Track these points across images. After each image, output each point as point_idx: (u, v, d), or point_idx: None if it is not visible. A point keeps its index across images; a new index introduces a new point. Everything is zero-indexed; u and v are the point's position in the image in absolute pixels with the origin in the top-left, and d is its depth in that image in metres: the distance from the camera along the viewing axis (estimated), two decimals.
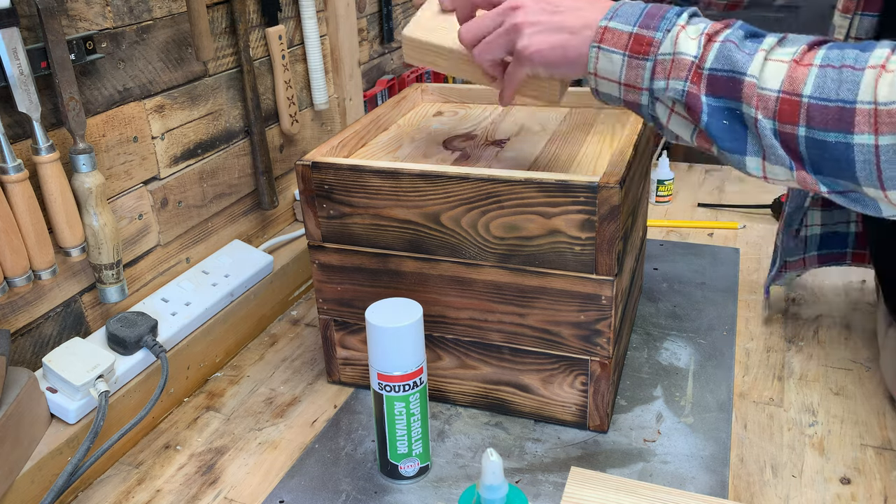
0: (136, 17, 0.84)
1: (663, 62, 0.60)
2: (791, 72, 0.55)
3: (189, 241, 0.97)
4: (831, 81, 0.54)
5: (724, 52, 0.58)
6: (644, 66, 0.61)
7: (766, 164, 0.58)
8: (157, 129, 0.89)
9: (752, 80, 0.56)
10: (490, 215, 0.72)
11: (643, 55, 0.61)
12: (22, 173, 0.69)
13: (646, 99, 0.62)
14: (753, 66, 0.56)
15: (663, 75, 0.60)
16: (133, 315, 0.83)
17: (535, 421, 0.81)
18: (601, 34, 0.63)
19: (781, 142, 0.56)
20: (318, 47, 1.15)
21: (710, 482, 0.72)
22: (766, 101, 0.56)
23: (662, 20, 0.61)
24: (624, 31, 0.62)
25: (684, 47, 0.59)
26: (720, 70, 0.58)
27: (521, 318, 0.76)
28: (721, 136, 0.59)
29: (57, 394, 0.74)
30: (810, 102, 0.54)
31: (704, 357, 0.90)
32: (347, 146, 0.84)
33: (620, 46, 0.62)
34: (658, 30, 0.61)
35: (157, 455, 0.79)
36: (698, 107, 0.59)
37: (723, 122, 0.58)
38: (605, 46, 0.63)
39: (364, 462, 0.76)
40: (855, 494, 0.70)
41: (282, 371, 0.92)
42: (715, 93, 0.58)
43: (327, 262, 0.82)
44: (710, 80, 0.58)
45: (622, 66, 0.62)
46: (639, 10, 0.62)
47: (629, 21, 0.62)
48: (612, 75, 0.63)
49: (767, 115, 0.56)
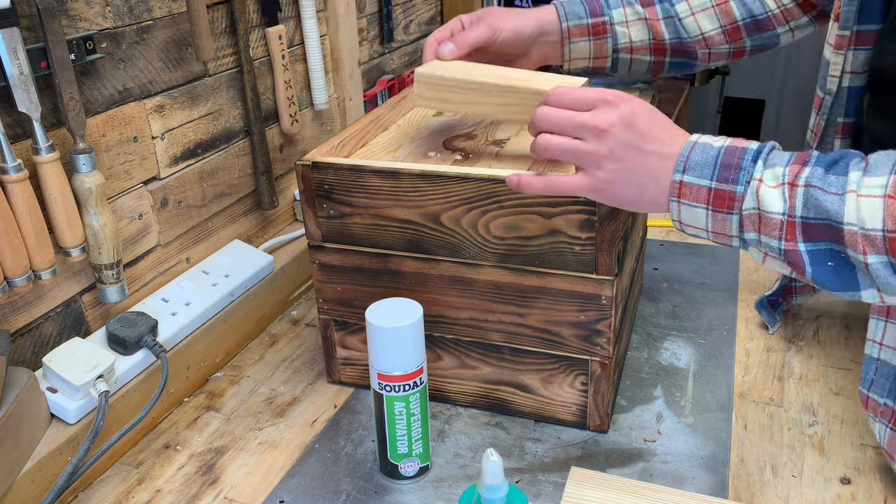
0: (136, 17, 0.84)
1: (750, 216, 0.59)
2: (890, 209, 0.54)
3: (189, 241, 0.97)
4: None
5: (812, 200, 0.56)
6: (730, 220, 0.60)
7: (882, 294, 0.57)
8: (157, 129, 0.89)
9: (852, 228, 0.55)
10: (490, 215, 0.72)
11: (727, 210, 0.59)
12: (22, 173, 0.69)
13: (737, 243, 0.61)
14: (848, 210, 0.55)
15: (752, 228, 0.59)
16: (133, 315, 0.83)
17: (535, 421, 0.81)
18: (678, 189, 0.61)
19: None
20: (318, 47, 1.15)
21: (710, 482, 0.72)
22: (874, 241, 0.54)
23: (740, 171, 0.59)
24: (702, 186, 0.60)
25: (769, 204, 0.57)
26: (813, 219, 0.56)
27: (522, 318, 0.76)
28: (830, 281, 0.58)
29: (57, 394, 0.74)
30: None
31: (704, 357, 0.90)
32: (347, 146, 0.84)
33: (701, 201, 0.60)
34: (737, 183, 0.59)
35: (157, 455, 0.79)
36: (799, 260, 0.58)
37: (828, 264, 0.57)
38: (684, 201, 0.61)
39: (364, 462, 0.76)
40: (855, 494, 0.70)
41: (282, 371, 0.92)
42: (813, 238, 0.57)
43: (327, 262, 0.82)
44: (804, 228, 0.57)
45: (706, 218, 0.61)
46: (712, 160, 0.60)
47: (704, 174, 0.60)
48: (698, 224, 0.62)
49: (879, 252, 0.54)
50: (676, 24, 0.86)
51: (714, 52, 0.87)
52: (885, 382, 0.69)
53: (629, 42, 0.86)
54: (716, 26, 0.86)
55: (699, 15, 0.85)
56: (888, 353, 0.69)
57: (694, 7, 0.86)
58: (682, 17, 0.85)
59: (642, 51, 0.86)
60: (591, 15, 0.85)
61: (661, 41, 0.86)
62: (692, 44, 0.86)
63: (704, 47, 0.86)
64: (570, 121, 0.63)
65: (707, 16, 0.85)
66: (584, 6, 0.86)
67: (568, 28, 0.85)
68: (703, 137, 0.62)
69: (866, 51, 0.74)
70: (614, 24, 0.85)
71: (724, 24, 0.86)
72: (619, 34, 0.85)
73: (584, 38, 0.85)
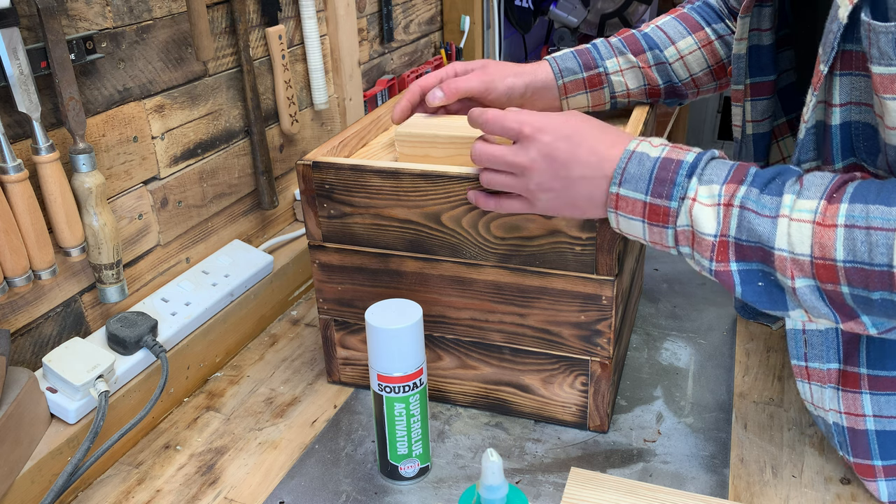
0: (136, 16, 0.84)
1: (684, 232, 0.60)
2: (817, 237, 0.54)
3: (189, 241, 0.97)
4: (861, 245, 0.53)
5: (745, 224, 0.57)
6: (666, 233, 0.61)
7: (810, 315, 0.58)
8: (157, 129, 0.89)
9: (782, 254, 0.56)
10: (490, 215, 0.72)
11: (662, 224, 0.61)
12: (22, 173, 0.69)
13: (674, 252, 0.63)
14: (779, 236, 0.56)
15: (687, 244, 0.61)
16: (133, 315, 0.83)
17: (535, 421, 0.81)
18: (615, 201, 0.63)
19: (828, 298, 0.56)
20: (318, 47, 1.15)
21: (710, 482, 0.72)
22: (801, 266, 0.55)
23: (674, 186, 0.60)
24: (637, 200, 0.62)
25: (702, 224, 0.59)
26: (745, 241, 0.57)
27: (522, 319, 0.76)
28: (759, 301, 0.59)
29: (57, 394, 0.74)
30: (847, 267, 0.54)
31: (704, 357, 0.90)
32: (348, 146, 0.84)
33: (637, 214, 0.62)
34: (671, 198, 0.60)
35: (157, 455, 0.79)
36: (730, 280, 0.59)
37: (758, 284, 0.58)
38: (622, 213, 0.63)
39: (364, 462, 0.76)
40: (855, 495, 0.70)
41: (282, 371, 0.92)
42: (745, 258, 0.58)
43: (328, 261, 0.82)
44: (737, 248, 0.58)
45: (644, 229, 0.63)
46: (648, 172, 0.61)
47: (640, 188, 0.61)
48: (636, 233, 0.64)
49: (806, 276, 0.55)
50: (667, 69, 0.88)
51: (703, 90, 0.91)
52: None
53: (626, 90, 0.88)
54: (703, 67, 0.88)
55: (687, 58, 0.88)
56: None
57: (682, 51, 0.88)
58: (671, 61, 0.87)
59: (639, 96, 0.89)
60: (586, 68, 0.86)
61: (655, 87, 0.88)
62: (682, 86, 0.89)
63: (693, 87, 0.89)
64: (496, 160, 0.66)
65: (694, 58, 0.88)
66: (577, 60, 0.87)
67: (564, 85, 0.87)
68: (642, 145, 0.63)
69: (765, 100, 0.78)
70: (609, 74, 0.87)
71: (711, 65, 0.89)
72: (615, 83, 0.87)
73: (581, 92, 0.87)
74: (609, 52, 0.87)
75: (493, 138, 0.69)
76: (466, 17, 1.66)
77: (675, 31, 0.88)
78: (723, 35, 0.88)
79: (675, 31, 0.88)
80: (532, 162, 0.65)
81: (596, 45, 0.88)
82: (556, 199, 0.65)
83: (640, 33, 0.89)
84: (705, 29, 0.88)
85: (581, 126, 0.65)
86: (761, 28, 0.75)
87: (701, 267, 0.61)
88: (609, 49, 0.88)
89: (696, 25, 0.88)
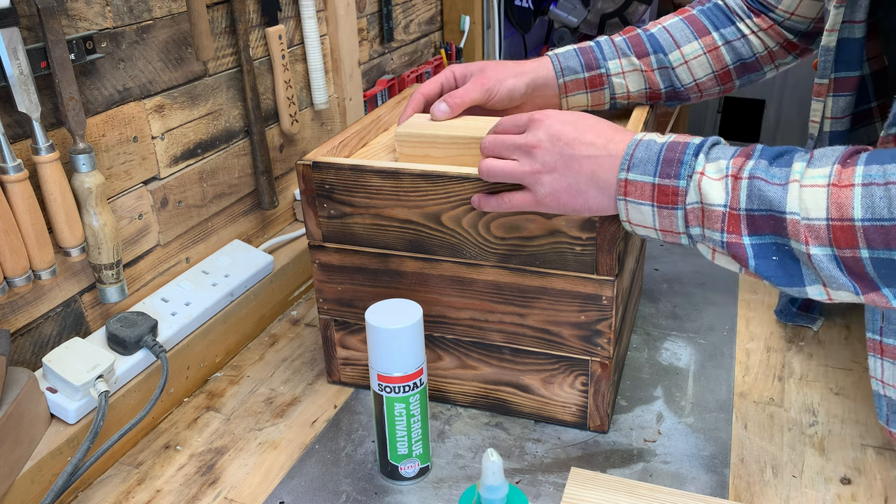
0: (135, 16, 0.84)
1: (694, 210, 0.59)
2: (834, 197, 0.53)
3: (189, 241, 0.97)
4: (881, 200, 0.51)
5: (756, 192, 0.56)
6: (675, 215, 0.61)
7: (828, 290, 0.56)
8: (157, 129, 0.89)
9: (795, 217, 0.54)
10: (490, 215, 0.72)
11: (671, 205, 0.60)
12: (22, 173, 0.69)
13: (685, 240, 0.62)
14: (790, 200, 0.54)
15: (697, 223, 0.59)
16: (133, 315, 0.83)
17: (535, 421, 0.81)
18: (624, 187, 0.62)
19: (845, 267, 0.54)
20: (318, 47, 1.15)
21: (710, 482, 0.72)
22: (817, 232, 0.54)
23: (682, 165, 0.60)
24: (646, 183, 0.61)
25: (711, 196, 0.58)
26: (757, 210, 0.56)
27: (522, 319, 0.76)
28: (774, 275, 0.57)
29: (57, 394, 0.74)
30: (865, 226, 0.52)
31: (704, 357, 0.90)
32: (348, 146, 0.84)
33: (646, 198, 0.61)
34: (679, 177, 0.59)
35: (157, 455, 0.79)
36: (742, 253, 0.58)
37: (772, 258, 0.57)
38: (631, 199, 0.62)
39: (364, 463, 0.76)
40: (855, 495, 0.70)
41: (282, 371, 0.92)
42: (757, 231, 0.57)
43: (328, 261, 0.82)
44: (749, 221, 0.57)
45: (653, 215, 0.62)
46: (655, 155, 0.61)
47: (648, 171, 0.61)
48: (646, 223, 0.63)
49: (822, 244, 0.54)
50: (670, 74, 0.87)
51: (706, 94, 0.90)
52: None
53: (626, 92, 0.87)
54: (708, 72, 0.88)
55: (692, 63, 0.87)
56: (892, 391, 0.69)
57: (687, 55, 0.87)
58: (675, 66, 0.87)
59: (639, 98, 0.88)
60: (587, 68, 0.86)
61: (656, 91, 0.88)
62: (685, 90, 0.88)
63: (697, 91, 0.89)
64: (505, 143, 0.67)
65: (699, 63, 0.87)
66: (579, 59, 0.86)
67: (565, 84, 0.86)
68: (649, 135, 0.64)
69: (847, 96, 0.75)
70: (611, 75, 0.86)
71: (716, 70, 0.88)
72: (615, 85, 0.87)
73: (581, 91, 0.87)
74: (612, 53, 0.87)
75: None
76: (466, 17, 1.66)
77: (681, 35, 0.87)
78: (730, 40, 0.87)
79: (682, 34, 0.87)
80: (539, 141, 0.65)
81: (599, 44, 0.87)
82: (560, 181, 0.64)
83: (645, 34, 0.87)
84: (712, 34, 0.87)
85: (588, 116, 0.66)
86: (854, 20, 0.72)
87: (713, 243, 0.59)
88: (612, 49, 0.87)
89: (703, 29, 0.87)
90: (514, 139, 0.66)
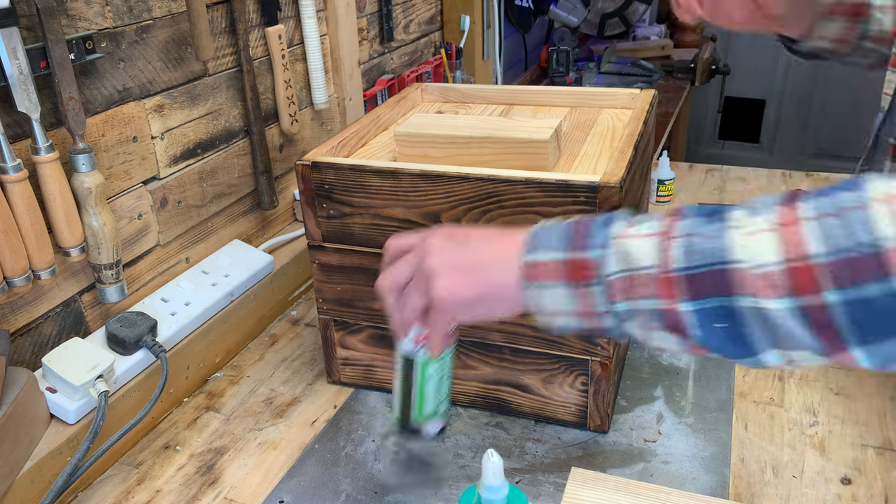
0: (135, 16, 0.84)
1: (615, 281, 0.50)
2: (785, 236, 0.45)
3: (189, 240, 0.97)
4: (838, 230, 0.44)
5: (691, 248, 0.48)
6: (593, 294, 0.51)
7: (785, 352, 0.47)
8: (157, 129, 0.89)
9: (742, 267, 0.46)
10: (490, 215, 0.72)
11: (586, 280, 0.51)
12: (21, 173, 0.69)
13: (611, 321, 0.52)
14: (734, 248, 0.46)
15: (622, 296, 0.50)
16: (133, 315, 0.83)
17: (535, 421, 0.81)
18: (529, 271, 0.53)
19: (812, 321, 0.45)
20: (318, 47, 1.15)
21: (710, 482, 0.72)
22: (772, 280, 0.45)
23: (591, 237, 0.52)
24: (554, 260, 0.52)
25: (638, 257, 0.49)
26: (696, 267, 0.47)
27: (522, 319, 0.76)
28: (721, 346, 0.49)
29: (57, 394, 0.74)
30: (829, 261, 0.44)
31: (704, 357, 0.90)
32: (347, 146, 0.84)
33: (558, 278, 0.52)
34: (592, 247, 0.51)
35: (157, 455, 0.79)
36: (681, 321, 0.49)
37: (718, 326, 0.48)
38: (540, 283, 0.53)
39: (364, 462, 0.76)
40: (856, 495, 0.70)
41: (282, 371, 0.92)
42: (698, 294, 0.48)
43: (327, 261, 0.82)
44: (688, 283, 0.48)
45: (568, 297, 0.52)
46: (561, 232, 0.54)
47: (555, 247, 0.53)
48: (563, 308, 0.53)
49: (780, 294, 0.45)
50: None
51: None
52: None
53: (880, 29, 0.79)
54: None
55: None
56: None
57: None
58: None
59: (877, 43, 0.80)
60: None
61: None
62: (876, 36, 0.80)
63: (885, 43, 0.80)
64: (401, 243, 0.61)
65: None
66: None
67: None
68: (547, 222, 0.56)
69: None
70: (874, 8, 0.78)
71: None
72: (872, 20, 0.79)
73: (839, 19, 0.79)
74: None
75: None
76: (466, 16, 1.66)
77: None
78: None
79: None
80: (430, 237, 0.58)
81: None
82: (456, 259, 0.56)
83: None
84: None
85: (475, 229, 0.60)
86: None
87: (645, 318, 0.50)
88: None
89: None
90: (409, 239, 0.60)
